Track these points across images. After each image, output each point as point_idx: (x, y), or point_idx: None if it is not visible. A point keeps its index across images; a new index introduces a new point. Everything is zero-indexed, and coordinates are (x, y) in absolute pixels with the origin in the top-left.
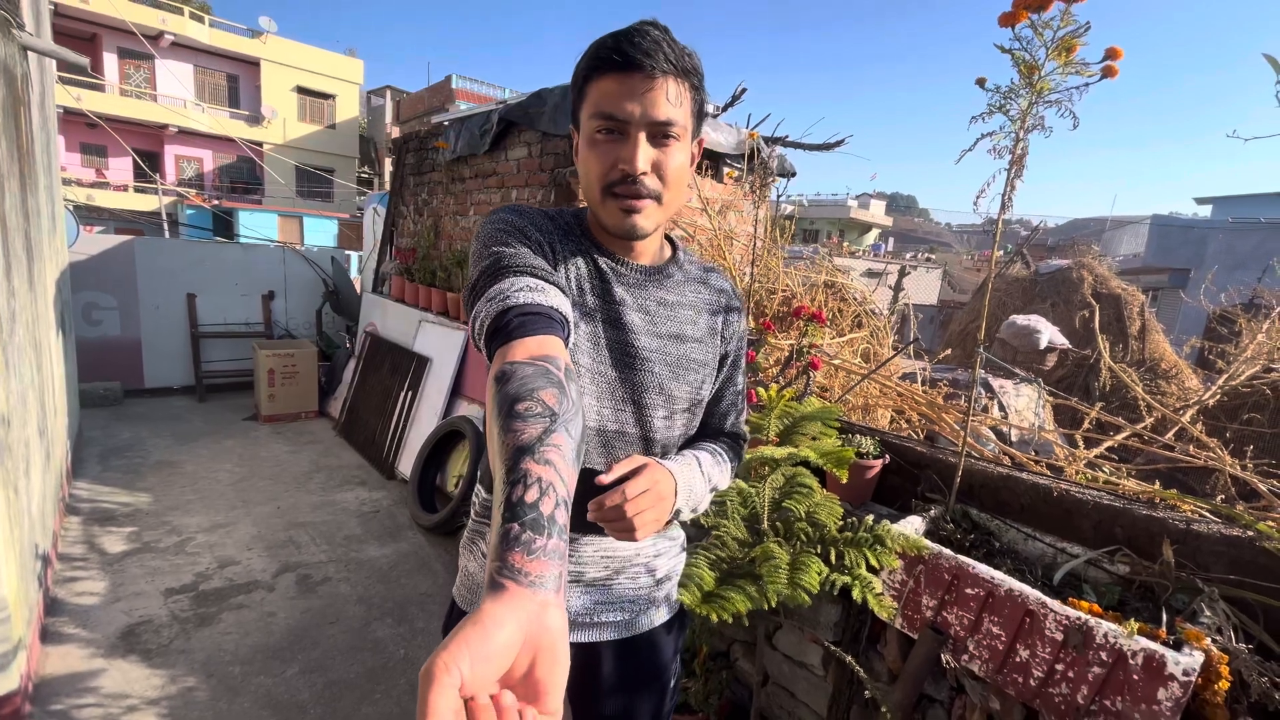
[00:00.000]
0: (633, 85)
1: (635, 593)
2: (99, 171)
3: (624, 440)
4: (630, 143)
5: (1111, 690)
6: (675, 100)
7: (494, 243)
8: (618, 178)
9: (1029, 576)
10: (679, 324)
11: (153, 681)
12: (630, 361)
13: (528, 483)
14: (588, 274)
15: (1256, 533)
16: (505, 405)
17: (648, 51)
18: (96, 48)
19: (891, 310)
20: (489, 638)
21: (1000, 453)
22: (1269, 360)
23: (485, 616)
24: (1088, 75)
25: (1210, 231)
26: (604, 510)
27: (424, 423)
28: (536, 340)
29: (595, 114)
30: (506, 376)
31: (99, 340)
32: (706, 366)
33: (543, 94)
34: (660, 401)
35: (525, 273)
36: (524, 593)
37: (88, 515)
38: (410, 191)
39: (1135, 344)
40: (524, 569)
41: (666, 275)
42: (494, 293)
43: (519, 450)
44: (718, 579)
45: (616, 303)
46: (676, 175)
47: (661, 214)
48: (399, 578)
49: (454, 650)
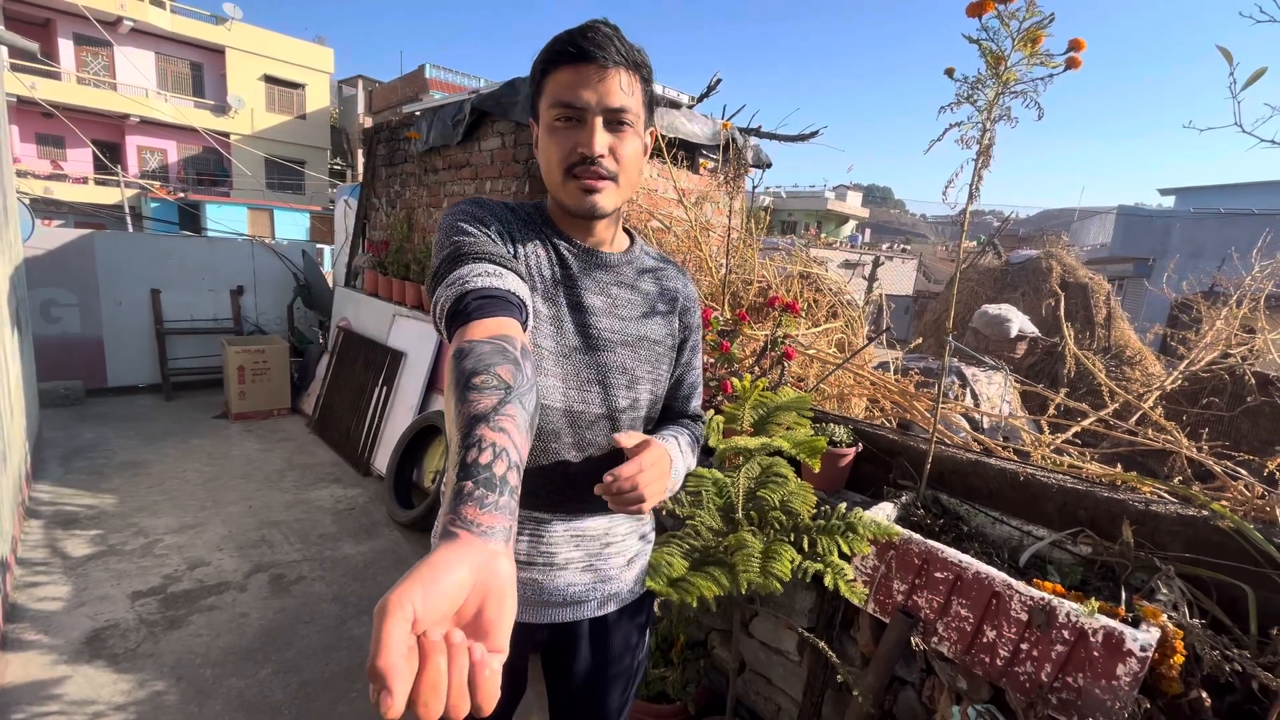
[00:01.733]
0: (588, 75)
1: (606, 573)
2: (56, 163)
3: (590, 419)
4: (587, 128)
5: (1074, 667)
6: (628, 90)
7: (454, 232)
8: (577, 159)
9: (996, 559)
10: (636, 305)
11: (119, 687)
12: (593, 343)
13: (481, 447)
14: (549, 260)
15: (1211, 512)
16: (462, 378)
17: (600, 45)
18: (51, 34)
19: (867, 300)
20: (440, 578)
21: (970, 439)
22: (1227, 346)
23: (438, 559)
24: (1052, 66)
25: (1173, 222)
26: (619, 481)
27: (399, 418)
28: (495, 321)
29: (554, 103)
30: (464, 353)
31: (59, 338)
32: (663, 345)
33: (516, 83)
34: (624, 381)
35: (484, 259)
36: (476, 541)
37: (49, 519)
38: (382, 183)
39: (1101, 331)
40: (476, 520)
41: (625, 262)
42: (453, 278)
43: (474, 418)
44: (689, 567)
45: (578, 287)
46: (631, 159)
47: (619, 195)
48: (375, 575)
49: (407, 587)
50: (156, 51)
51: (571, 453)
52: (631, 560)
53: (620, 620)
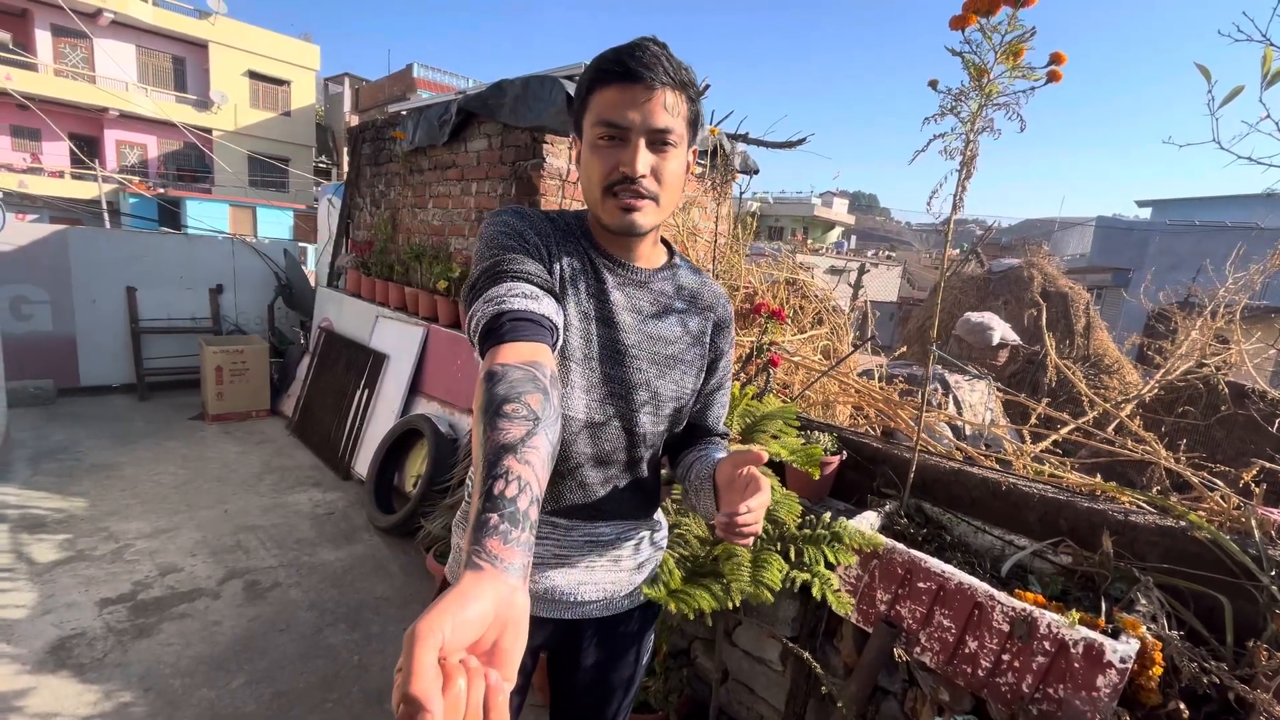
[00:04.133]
0: (634, 95)
1: (616, 576)
2: (33, 156)
3: (610, 432)
4: (631, 148)
5: (1054, 678)
6: (673, 110)
7: (495, 245)
8: (618, 179)
9: (979, 569)
10: (669, 325)
11: (85, 698)
12: (620, 358)
13: (509, 479)
14: (584, 273)
15: (1188, 523)
16: (494, 404)
17: (647, 65)
18: (28, 24)
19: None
20: (467, 607)
21: (953, 448)
22: (1202, 356)
23: (466, 589)
24: (1034, 79)
25: (1150, 233)
26: (748, 516)
27: (381, 421)
28: (528, 346)
29: (598, 121)
30: (496, 377)
31: (29, 336)
32: (692, 367)
33: (503, 85)
34: (647, 398)
35: (522, 279)
36: (498, 575)
37: (15, 523)
38: (367, 183)
39: (1081, 340)
40: (499, 555)
41: (661, 278)
42: (491, 295)
43: (503, 448)
44: (684, 577)
45: (610, 302)
46: (673, 179)
47: (659, 214)
48: (353, 581)
49: (438, 615)
50: (137, 44)
51: (590, 463)
52: (642, 565)
53: (627, 621)
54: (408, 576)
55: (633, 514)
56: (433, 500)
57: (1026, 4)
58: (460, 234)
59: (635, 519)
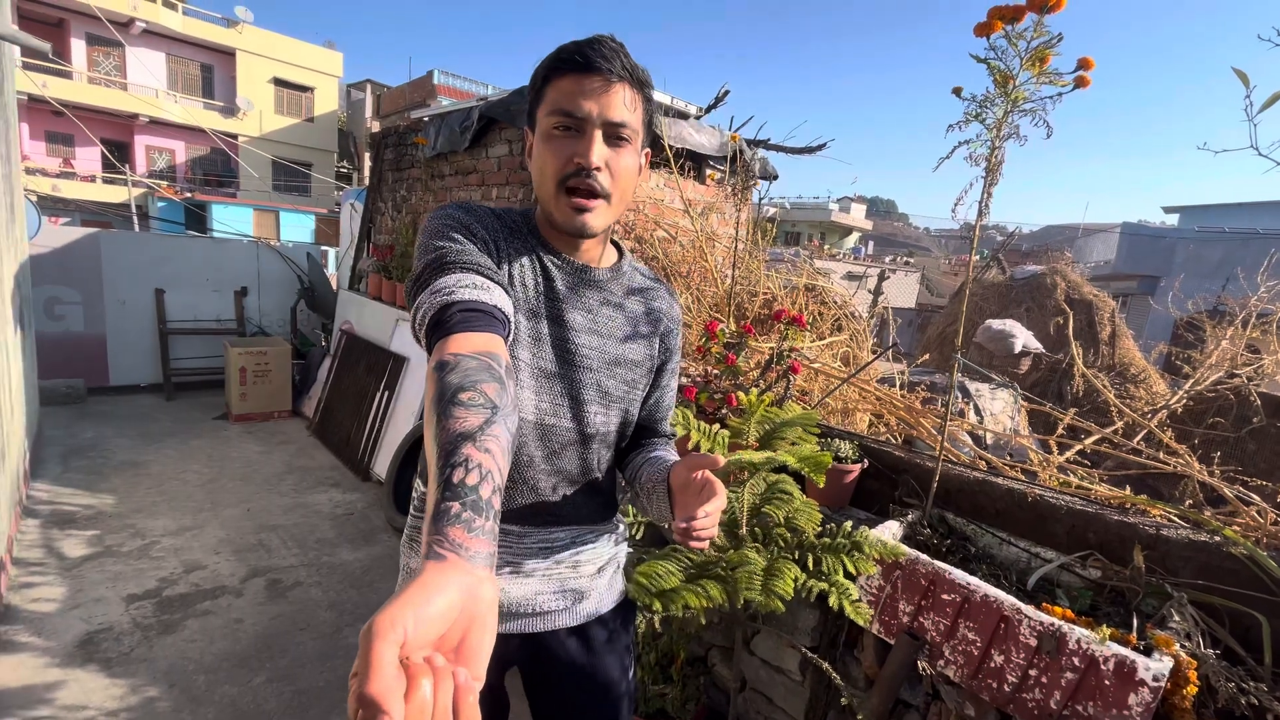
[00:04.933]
0: (591, 86)
1: (576, 581)
2: (66, 161)
3: (561, 433)
4: (586, 139)
5: (1084, 695)
6: (629, 105)
7: (439, 237)
8: (573, 170)
9: (1004, 581)
10: (618, 325)
11: (112, 692)
12: (570, 358)
13: (469, 467)
14: (532, 271)
15: (1223, 538)
16: (448, 393)
17: (606, 57)
18: (64, 33)
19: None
20: (431, 600)
21: (976, 457)
22: (1233, 366)
23: (429, 580)
24: (1061, 85)
25: (1178, 240)
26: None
27: (400, 423)
28: (480, 336)
29: (554, 110)
30: (448, 366)
31: (61, 336)
32: (641, 368)
33: (524, 91)
34: (596, 398)
35: (470, 269)
36: (463, 564)
37: (46, 518)
38: (389, 188)
39: (1106, 349)
40: (463, 544)
41: (610, 278)
42: (438, 286)
43: (461, 435)
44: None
45: (560, 301)
46: (626, 176)
47: (610, 214)
48: (372, 582)
49: (398, 608)
50: (168, 53)
51: (542, 468)
52: (603, 568)
53: (598, 627)
54: None
55: (589, 518)
56: None
57: (1053, 10)
58: None
59: (592, 523)
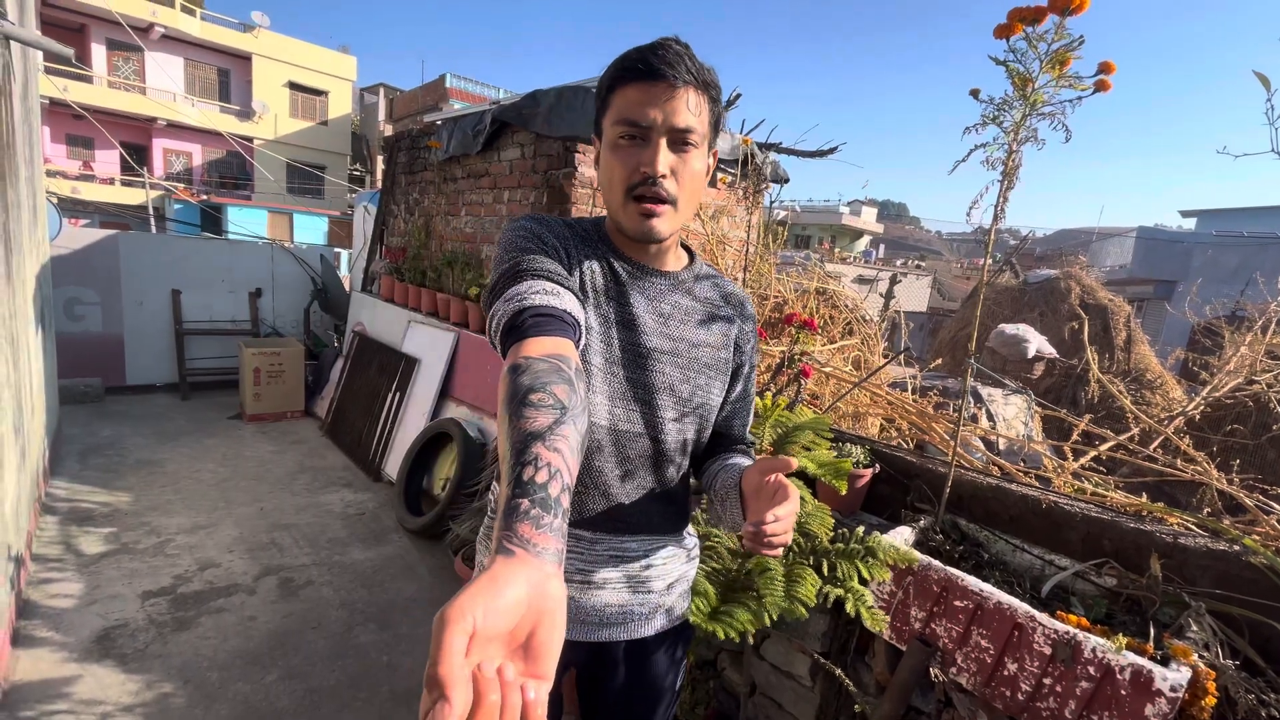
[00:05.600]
0: (656, 94)
1: (645, 596)
2: (85, 164)
3: (635, 439)
4: (652, 147)
5: (1099, 705)
6: (695, 110)
7: (512, 248)
8: (639, 179)
9: (1017, 589)
10: (691, 328)
11: (128, 687)
12: (642, 363)
13: (538, 465)
14: (604, 277)
15: (1242, 547)
16: (519, 394)
17: (670, 63)
18: (85, 39)
19: (882, 318)
20: (500, 593)
21: (989, 463)
22: (1251, 372)
23: (498, 574)
24: (1081, 89)
25: (1195, 244)
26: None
27: (411, 424)
28: (551, 340)
29: (619, 120)
30: (520, 369)
31: (81, 336)
32: (717, 371)
33: (537, 95)
34: (670, 403)
35: (541, 276)
36: (531, 560)
37: (65, 515)
38: (402, 190)
39: (1121, 354)
40: (532, 540)
41: (681, 281)
42: (511, 294)
43: (531, 435)
44: (720, 594)
45: (630, 306)
46: (693, 181)
47: (678, 219)
48: (383, 582)
49: (468, 599)
50: (186, 57)
51: (615, 472)
52: (673, 584)
53: (659, 643)
54: (435, 578)
55: (661, 528)
56: (461, 503)
57: (1075, 12)
58: (492, 241)
59: (664, 534)
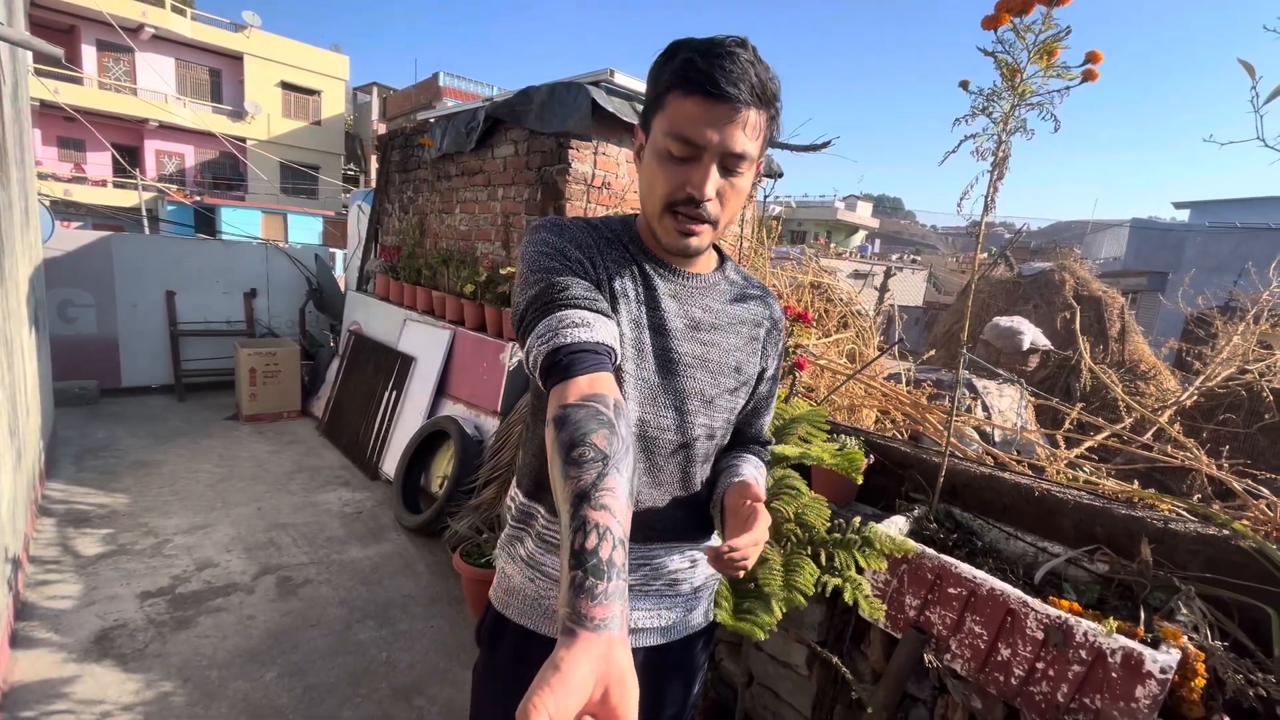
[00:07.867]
0: (716, 115)
1: (673, 601)
2: (77, 166)
3: (664, 444)
4: (702, 168)
5: (1091, 688)
6: (752, 133)
7: (536, 268)
8: (683, 198)
9: (1011, 576)
10: (721, 331)
11: (127, 687)
12: (673, 367)
13: (586, 529)
14: (633, 281)
15: (1232, 531)
16: (563, 451)
17: (735, 81)
18: (75, 40)
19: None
20: (567, 681)
21: (983, 453)
22: (1244, 362)
23: (563, 663)
24: (1069, 78)
25: (1188, 235)
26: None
27: (408, 422)
28: (588, 379)
29: (672, 133)
30: (561, 422)
31: (75, 338)
32: (745, 375)
33: (529, 92)
34: (700, 407)
35: (572, 305)
36: (592, 637)
37: (61, 517)
38: (395, 189)
39: (1115, 345)
40: (590, 615)
41: (713, 284)
42: (544, 329)
43: (578, 497)
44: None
45: (661, 309)
46: (737, 199)
47: (714, 235)
48: (381, 579)
49: (542, 695)
50: (177, 58)
51: (644, 478)
52: (698, 590)
53: (682, 649)
54: (434, 575)
55: (687, 535)
56: (458, 501)
57: (1061, 2)
58: (487, 239)
59: (691, 540)
